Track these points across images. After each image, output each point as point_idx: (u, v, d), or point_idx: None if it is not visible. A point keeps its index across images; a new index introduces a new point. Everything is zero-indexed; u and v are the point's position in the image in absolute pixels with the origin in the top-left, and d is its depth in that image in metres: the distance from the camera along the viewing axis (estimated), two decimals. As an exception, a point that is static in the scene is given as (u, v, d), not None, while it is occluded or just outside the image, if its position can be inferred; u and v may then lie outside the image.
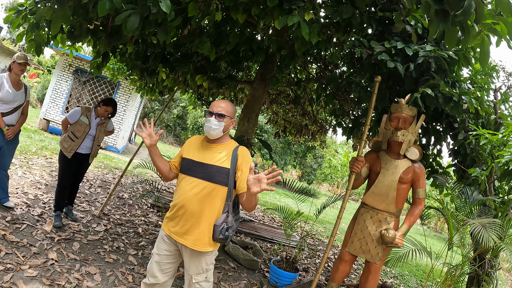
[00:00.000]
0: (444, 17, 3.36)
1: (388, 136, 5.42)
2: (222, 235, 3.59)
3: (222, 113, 3.68)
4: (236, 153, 3.69)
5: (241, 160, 3.66)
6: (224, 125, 3.69)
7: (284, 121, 12.54)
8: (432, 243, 17.39)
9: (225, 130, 3.74)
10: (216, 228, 3.59)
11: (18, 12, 5.21)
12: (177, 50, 7.08)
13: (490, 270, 5.99)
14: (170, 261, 3.87)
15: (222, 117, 3.67)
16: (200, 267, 3.72)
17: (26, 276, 4.81)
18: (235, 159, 3.66)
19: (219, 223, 3.59)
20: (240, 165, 3.65)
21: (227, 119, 3.71)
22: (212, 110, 3.72)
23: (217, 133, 3.68)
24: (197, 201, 3.61)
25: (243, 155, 3.70)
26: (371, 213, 5.49)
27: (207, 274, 3.79)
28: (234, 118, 3.82)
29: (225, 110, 3.71)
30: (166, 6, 3.78)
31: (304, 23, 4.30)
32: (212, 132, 3.67)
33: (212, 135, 3.69)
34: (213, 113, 3.69)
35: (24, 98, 6.50)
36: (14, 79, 6.29)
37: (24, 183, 8.48)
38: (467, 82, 5.76)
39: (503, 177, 5.27)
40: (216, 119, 3.66)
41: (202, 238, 3.63)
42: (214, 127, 3.65)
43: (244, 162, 3.66)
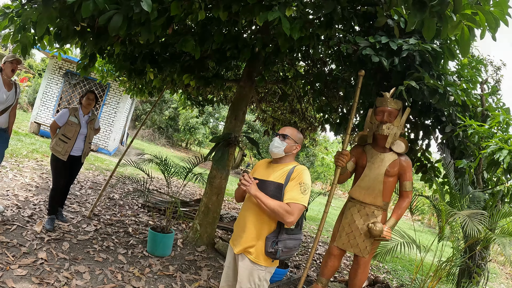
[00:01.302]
0: (422, 8, 3.40)
1: (373, 130, 5.47)
2: (272, 248, 3.65)
3: (286, 134, 3.94)
4: (292, 170, 3.78)
5: (294, 175, 3.73)
6: (286, 145, 3.89)
7: (272, 118, 12.56)
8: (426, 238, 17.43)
9: (286, 151, 3.92)
10: (267, 240, 3.69)
11: (5, 14, 5.21)
12: (165, 50, 7.09)
13: (481, 262, 6.03)
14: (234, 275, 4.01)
15: (284, 137, 3.92)
16: (253, 282, 3.76)
17: (15, 275, 4.82)
18: (289, 175, 3.74)
19: (270, 236, 3.69)
20: (291, 179, 3.72)
21: (291, 141, 3.92)
22: (278, 132, 4.03)
23: (278, 151, 3.89)
24: (253, 213, 3.80)
25: (297, 172, 3.75)
26: (358, 207, 5.53)
27: None
28: (298, 144, 4.01)
29: (290, 133, 3.97)
30: (147, 5, 3.80)
31: (285, 18, 4.33)
32: (274, 149, 3.91)
33: (273, 152, 3.92)
34: (278, 134, 3.98)
35: (14, 98, 6.49)
36: (5, 79, 6.28)
37: (15, 186, 8.47)
38: (454, 75, 5.80)
39: (489, 167, 5.32)
40: (279, 139, 3.92)
41: (255, 249, 3.75)
42: (276, 145, 3.90)
43: (296, 177, 3.71)
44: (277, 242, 3.65)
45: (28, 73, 33.39)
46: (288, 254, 3.78)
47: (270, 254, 3.68)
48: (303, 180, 3.67)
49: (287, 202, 3.57)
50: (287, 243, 3.72)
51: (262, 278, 3.78)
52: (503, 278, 14.21)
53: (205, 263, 6.82)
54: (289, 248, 3.74)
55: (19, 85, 6.66)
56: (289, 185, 3.68)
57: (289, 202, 3.56)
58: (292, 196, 3.58)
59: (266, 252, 3.68)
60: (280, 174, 3.80)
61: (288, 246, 3.73)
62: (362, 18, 5.58)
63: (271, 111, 12.55)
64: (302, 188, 3.63)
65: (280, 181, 3.74)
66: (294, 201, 3.55)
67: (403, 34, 5.35)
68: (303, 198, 3.60)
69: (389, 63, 5.04)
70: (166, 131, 38.21)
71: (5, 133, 6.53)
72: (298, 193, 3.59)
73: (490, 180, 6.42)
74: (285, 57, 7.90)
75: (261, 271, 3.75)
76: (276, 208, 3.50)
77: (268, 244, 3.66)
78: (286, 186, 3.69)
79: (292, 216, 3.51)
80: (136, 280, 5.56)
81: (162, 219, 9.14)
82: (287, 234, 3.73)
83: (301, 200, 3.57)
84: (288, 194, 3.62)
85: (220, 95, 11.50)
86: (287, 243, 3.72)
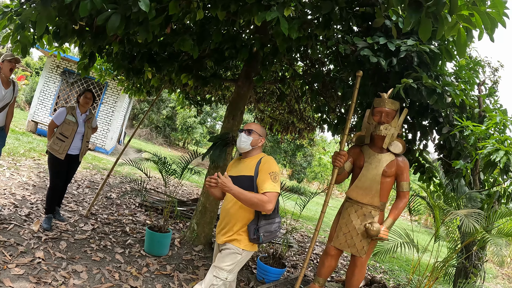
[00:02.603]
0: (417, 8, 3.41)
1: (371, 130, 5.48)
2: (254, 235, 4.00)
3: (251, 129, 4.25)
4: (259, 161, 4.13)
5: (262, 165, 4.07)
6: (252, 139, 4.22)
7: (270, 118, 12.57)
8: (423, 238, 17.46)
9: (253, 145, 4.25)
10: (249, 228, 4.03)
11: (4, 13, 5.20)
12: (163, 49, 7.09)
13: (477, 262, 6.05)
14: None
15: (250, 132, 4.24)
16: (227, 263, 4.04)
17: (13, 274, 4.83)
18: (258, 166, 4.08)
19: (251, 224, 4.04)
20: (260, 170, 4.04)
21: (256, 135, 4.25)
22: (244, 127, 4.34)
23: (245, 146, 4.23)
24: (234, 205, 4.10)
25: (264, 162, 4.10)
26: (356, 207, 5.54)
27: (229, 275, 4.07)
28: (263, 137, 4.33)
29: (254, 128, 4.28)
30: (145, 4, 3.80)
31: (283, 18, 4.33)
32: (241, 144, 4.24)
33: (241, 147, 4.25)
34: (243, 130, 4.29)
35: (12, 96, 6.49)
36: (3, 78, 6.28)
37: (12, 184, 8.48)
38: (451, 76, 5.82)
39: (486, 168, 5.32)
40: (245, 134, 4.24)
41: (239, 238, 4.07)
42: (243, 140, 4.22)
43: (264, 167, 4.04)
44: (258, 229, 4.00)
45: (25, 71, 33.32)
46: (271, 237, 4.10)
47: (254, 240, 4.04)
48: (271, 169, 4.03)
49: (262, 192, 3.89)
50: (267, 227, 4.06)
51: (238, 262, 4.10)
52: (500, 278, 14.24)
53: (202, 262, 6.83)
54: (270, 232, 4.08)
55: (17, 83, 6.65)
56: (259, 177, 4.02)
57: (265, 192, 3.88)
58: (266, 186, 3.90)
59: (250, 239, 4.04)
60: (250, 167, 4.14)
61: (268, 230, 4.07)
62: (360, 19, 5.59)
63: (269, 111, 12.56)
64: (273, 177, 3.98)
65: (250, 174, 4.08)
66: (269, 190, 3.88)
67: (401, 35, 5.36)
68: (275, 186, 3.95)
69: (387, 63, 5.05)
70: (163, 130, 38.13)
71: (2, 131, 6.53)
72: (270, 183, 3.93)
73: (486, 181, 6.43)
74: (283, 57, 7.90)
75: (239, 255, 4.07)
76: (254, 200, 3.82)
77: (251, 231, 4.01)
78: (257, 178, 4.03)
79: (271, 203, 3.86)
80: (134, 280, 5.57)
81: (160, 218, 9.13)
82: (265, 219, 4.07)
83: (275, 188, 3.92)
84: (262, 186, 3.94)
85: (218, 94, 11.51)
86: (267, 227, 4.06)
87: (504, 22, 3.54)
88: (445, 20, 3.42)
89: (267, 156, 4.21)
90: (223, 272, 4.00)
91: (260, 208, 3.86)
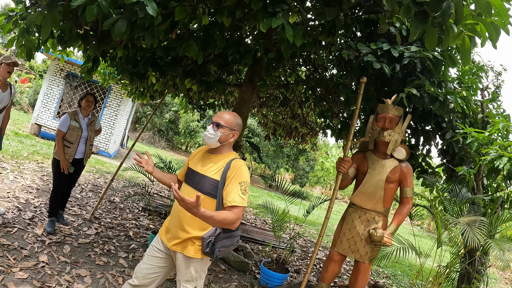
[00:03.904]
0: (424, 18, 3.42)
1: (374, 136, 5.49)
2: (209, 248, 3.48)
3: (219, 123, 3.60)
4: (229, 165, 3.54)
5: (231, 172, 3.49)
6: (221, 135, 3.59)
7: (274, 123, 12.58)
8: (425, 243, 17.45)
9: (222, 141, 3.64)
10: (203, 240, 3.50)
11: (9, 17, 5.22)
12: (167, 54, 7.11)
13: (480, 268, 6.04)
14: (159, 265, 3.79)
15: (218, 126, 3.59)
16: (190, 274, 3.63)
17: (17, 278, 4.84)
18: (226, 172, 3.52)
19: (206, 236, 3.49)
20: (229, 178, 3.48)
21: (226, 129, 3.60)
22: (212, 119, 3.69)
23: (212, 142, 3.62)
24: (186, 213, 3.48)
25: (235, 167, 3.52)
26: (359, 213, 5.55)
27: (197, 283, 3.71)
28: (235, 130, 3.68)
29: (224, 120, 3.62)
30: (152, 9, 3.81)
31: (288, 25, 4.34)
32: (207, 140, 3.63)
33: (207, 143, 3.66)
34: (212, 122, 3.66)
35: (9, 99, 6.51)
36: (1, 81, 6.30)
37: (16, 187, 8.49)
38: (454, 82, 5.83)
39: (490, 174, 5.33)
40: (212, 128, 3.60)
41: (191, 245, 3.58)
42: (208, 135, 3.61)
43: (235, 175, 3.47)
44: (214, 243, 3.49)
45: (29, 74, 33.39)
46: (226, 252, 3.64)
47: (207, 254, 3.53)
48: (242, 178, 3.47)
49: (230, 206, 3.35)
50: (224, 242, 3.57)
51: (199, 269, 3.68)
52: (503, 283, 14.22)
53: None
54: (226, 247, 3.60)
55: (14, 85, 6.65)
56: (228, 186, 3.45)
57: (232, 205, 3.35)
58: (234, 199, 3.37)
59: (203, 252, 3.52)
60: (217, 168, 3.59)
61: (225, 245, 3.58)
62: (364, 25, 5.61)
63: (272, 116, 12.57)
64: (243, 188, 3.43)
65: (216, 178, 3.53)
66: (237, 204, 3.35)
67: (404, 41, 5.38)
68: (244, 199, 3.42)
69: (390, 69, 5.07)
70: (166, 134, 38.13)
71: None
72: (239, 195, 3.39)
73: (489, 186, 6.44)
74: (287, 63, 7.92)
75: (198, 263, 3.64)
76: (223, 221, 3.23)
77: (205, 244, 3.48)
78: (224, 186, 3.47)
79: (239, 220, 3.36)
80: (137, 284, 5.59)
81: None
82: (224, 233, 3.57)
83: (243, 202, 3.39)
84: (229, 197, 3.39)
85: (221, 99, 11.53)
86: (224, 242, 3.57)
87: (508, 30, 3.54)
88: (451, 29, 3.43)
89: (239, 159, 3.63)
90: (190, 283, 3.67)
91: (227, 227, 3.33)
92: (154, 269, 3.79)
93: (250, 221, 12.89)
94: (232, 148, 3.83)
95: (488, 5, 3.30)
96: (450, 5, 3.21)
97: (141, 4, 3.93)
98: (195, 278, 3.67)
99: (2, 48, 33.75)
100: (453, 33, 3.48)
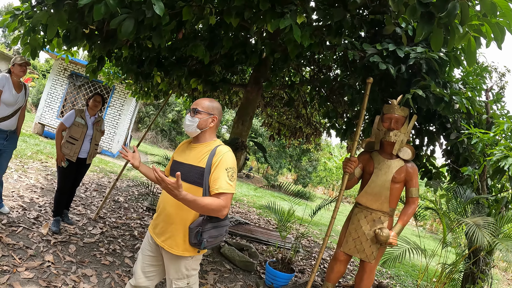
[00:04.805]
0: (430, 19, 3.43)
1: (380, 137, 5.49)
2: (196, 240, 3.39)
3: (196, 108, 3.56)
4: (214, 152, 3.44)
5: (217, 158, 3.39)
6: (199, 121, 3.53)
7: (278, 123, 12.58)
8: (428, 243, 17.43)
9: (201, 127, 3.57)
10: (190, 231, 3.40)
11: (14, 16, 5.24)
12: (172, 54, 7.12)
13: (485, 268, 6.05)
14: (153, 264, 3.76)
15: (195, 112, 3.55)
16: (180, 272, 3.57)
17: (22, 278, 4.85)
18: (211, 158, 3.42)
19: (193, 226, 3.39)
20: (214, 164, 3.38)
21: (203, 115, 3.55)
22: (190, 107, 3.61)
23: (191, 130, 3.56)
24: (174, 201, 3.43)
25: (220, 154, 3.42)
26: (365, 213, 5.55)
27: (189, 280, 3.64)
28: (214, 114, 3.60)
29: (201, 106, 3.58)
30: (159, 9, 3.81)
31: (296, 26, 4.35)
32: (186, 128, 3.59)
33: (187, 131, 3.59)
34: (189, 110, 3.63)
35: (24, 99, 6.55)
36: (15, 81, 6.34)
37: (20, 187, 8.51)
38: (459, 83, 5.82)
39: (495, 175, 5.34)
40: (189, 115, 3.58)
41: (178, 241, 3.49)
42: (187, 123, 3.57)
43: (220, 161, 3.37)
44: (202, 233, 3.38)
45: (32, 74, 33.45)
46: (214, 243, 3.52)
47: (195, 245, 3.43)
48: (228, 164, 3.37)
49: (217, 192, 3.25)
50: (212, 232, 3.46)
51: (190, 267, 3.59)
52: (505, 284, 14.20)
53: (211, 267, 6.84)
54: (214, 237, 3.49)
55: (28, 86, 6.69)
56: (214, 173, 3.34)
57: (219, 193, 3.25)
58: (220, 185, 3.27)
59: (191, 243, 3.43)
60: (201, 156, 3.49)
61: (213, 235, 3.47)
62: (369, 25, 5.61)
63: (276, 116, 12.57)
64: (229, 174, 3.33)
65: (201, 165, 3.43)
66: (224, 190, 3.25)
67: (410, 42, 5.38)
68: (232, 186, 3.32)
69: (396, 70, 5.07)
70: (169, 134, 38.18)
71: (14, 134, 6.57)
72: (226, 181, 3.29)
73: (494, 186, 6.44)
74: (292, 63, 7.92)
75: (188, 261, 3.56)
76: (207, 207, 3.13)
77: (192, 235, 3.39)
78: (210, 173, 3.36)
79: (226, 208, 3.24)
80: (143, 283, 5.59)
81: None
82: (212, 223, 3.46)
83: (230, 189, 3.29)
84: (216, 184, 3.29)
85: (226, 99, 11.53)
86: (212, 232, 3.46)
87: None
88: (456, 30, 3.44)
89: (223, 146, 3.54)
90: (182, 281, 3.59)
91: (215, 214, 3.23)
92: (150, 268, 3.76)
93: (254, 221, 12.91)
94: (215, 136, 3.74)
95: (494, 6, 3.31)
96: (456, 6, 3.22)
97: (148, 3, 3.94)
98: (186, 276, 3.60)
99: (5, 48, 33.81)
100: (458, 33, 3.48)
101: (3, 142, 6.37)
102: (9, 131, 6.42)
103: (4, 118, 6.26)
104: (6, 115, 6.28)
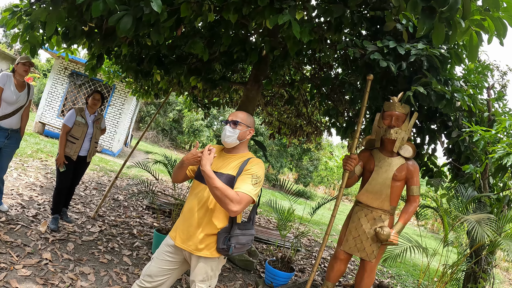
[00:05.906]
0: (431, 14, 3.39)
1: (381, 134, 5.45)
2: (224, 244, 3.46)
3: (237, 121, 3.64)
4: (246, 162, 3.57)
5: (248, 166, 3.52)
6: (239, 132, 3.63)
7: (278, 122, 12.54)
8: (429, 243, 17.40)
9: (240, 138, 3.66)
10: (219, 236, 3.48)
11: (13, 13, 5.21)
12: (172, 52, 7.09)
13: (487, 267, 6.01)
14: (170, 268, 3.71)
15: (236, 124, 3.63)
16: (206, 274, 3.59)
17: (20, 275, 4.83)
18: (243, 167, 3.54)
19: (222, 232, 3.48)
20: (244, 170, 3.50)
21: (243, 127, 3.66)
22: (227, 119, 3.72)
23: (231, 141, 3.63)
24: (203, 207, 3.54)
25: (252, 163, 3.55)
26: (366, 211, 5.51)
27: (211, 282, 3.66)
28: (251, 127, 3.74)
29: (240, 118, 3.68)
30: (157, 5, 3.78)
31: (295, 21, 4.31)
32: (227, 139, 3.63)
33: (227, 142, 3.65)
34: (228, 122, 3.67)
35: (27, 99, 6.55)
36: (18, 80, 6.36)
37: (19, 185, 8.50)
38: (460, 80, 5.78)
39: (497, 173, 5.30)
40: (230, 127, 3.63)
41: (207, 245, 3.52)
42: (228, 134, 3.61)
43: (250, 169, 3.49)
44: (230, 238, 3.48)
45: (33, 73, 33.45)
46: (241, 250, 3.61)
47: (222, 251, 3.49)
48: (256, 172, 3.47)
49: (236, 191, 3.31)
50: (240, 238, 3.56)
51: (215, 268, 3.64)
52: (507, 284, 14.17)
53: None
54: (242, 244, 3.58)
55: (32, 85, 6.68)
56: (241, 176, 3.47)
57: (238, 191, 3.31)
58: (242, 186, 3.36)
59: (218, 249, 3.48)
60: (233, 166, 3.60)
61: (241, 242, 3.56)
62: (370, 22, 5.57)
63: (276, 114, 12.54)
64: (254, 180, 3.42)
65: (232, 173, 3.53)
66: (244, 191, 3.31)
67: (411, 38, 5.34)
68: (253, 190, 3.37)
69: (397, 67, 5.03)
70: (170, 133, 38.14)
71: (17, 134, 6.56)
72: (249, 184, 3.38)
73: (496, 185, 6.41)
74: (292, 61, 7.89)
75: (214, 262, 3.60)
76: (224, 191, 3.21)
77: (220, 240, 3.47)
78: (237, 177, 3.49)
79: (239, 205, 3.26)
80: (141, 282, 5.57)
81: (167, 221, 9.13)
82: (240, 229, 3.57)
83: (251, 192, 3.35)
84: (237, 184, 3.41)
85: (226, 97, 11.50)
86: (239, 238, 3.55)
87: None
88: (458, 25, 3.40)
89: (257, 159, 3.65)
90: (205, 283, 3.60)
91: (225, 204, 3.23)
92: (164, 272, 3.72)
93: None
94: (247, 149, 3.85)
95: (496, 0, 3.27)
96: (458, 0, 3.17)
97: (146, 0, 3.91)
98: (210, 277, 3.63)
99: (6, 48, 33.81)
100: (460, 28, 3.44)
101: (4, 140, 6.35)
102: (11, 130, 6.40)
103: (4, 116, 6.26)
104: (7, 113, 6.28)
